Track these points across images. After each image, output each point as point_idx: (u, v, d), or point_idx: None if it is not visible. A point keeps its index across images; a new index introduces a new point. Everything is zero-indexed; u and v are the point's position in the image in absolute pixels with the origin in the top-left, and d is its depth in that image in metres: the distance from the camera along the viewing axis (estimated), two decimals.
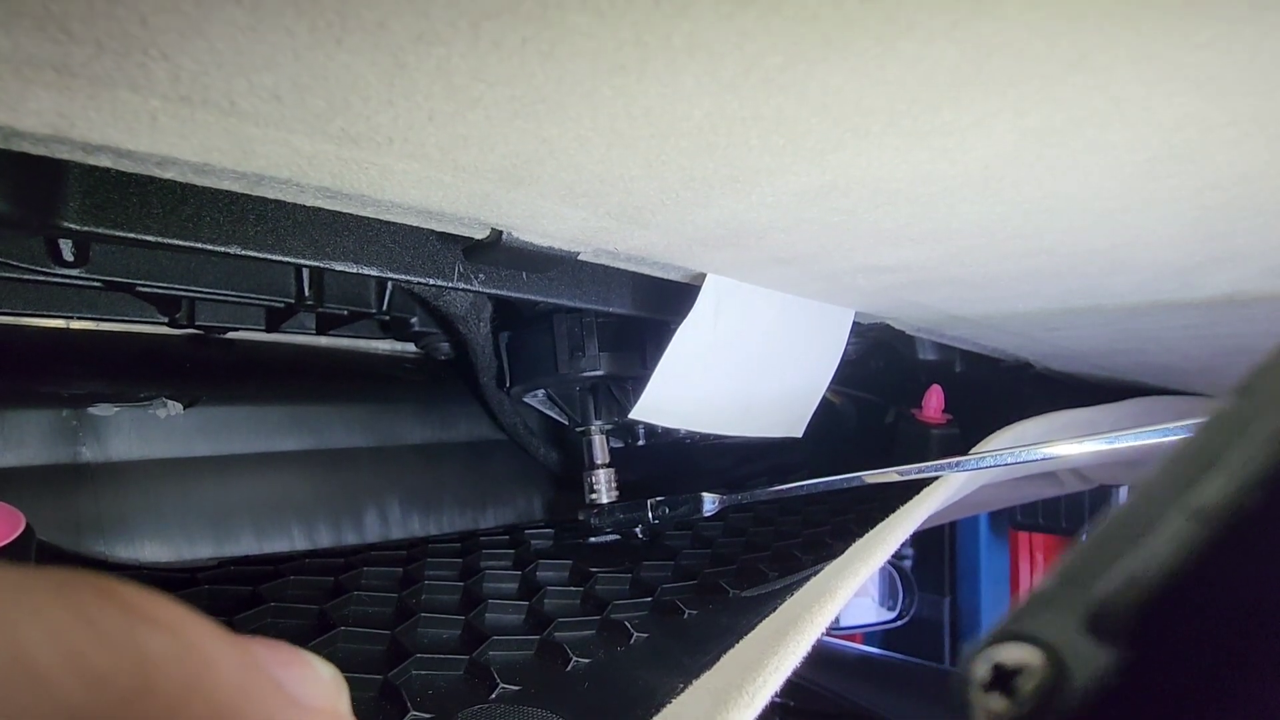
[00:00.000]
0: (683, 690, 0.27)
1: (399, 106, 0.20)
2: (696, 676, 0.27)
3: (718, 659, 0.28)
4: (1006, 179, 0.28)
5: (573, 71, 0.20)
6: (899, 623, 1.51)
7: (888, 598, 1.54)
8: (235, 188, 0.25)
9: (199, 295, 0.47)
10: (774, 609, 0.31)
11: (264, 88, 0.19)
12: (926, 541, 2.20)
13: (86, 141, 0.20)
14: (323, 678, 0.13)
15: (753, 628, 0.30)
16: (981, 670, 0.11)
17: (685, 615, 0.45)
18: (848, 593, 0.31)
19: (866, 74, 0.20)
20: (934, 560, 2.19)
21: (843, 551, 0.36)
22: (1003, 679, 0.10)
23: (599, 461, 0.59)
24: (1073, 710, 0.10)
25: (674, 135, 0.23)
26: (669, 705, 0.26)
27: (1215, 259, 0.38)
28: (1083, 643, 0.10)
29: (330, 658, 0.13)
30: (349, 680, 0.13)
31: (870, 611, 1.55)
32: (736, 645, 0.29)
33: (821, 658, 1.36)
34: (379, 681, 0.35)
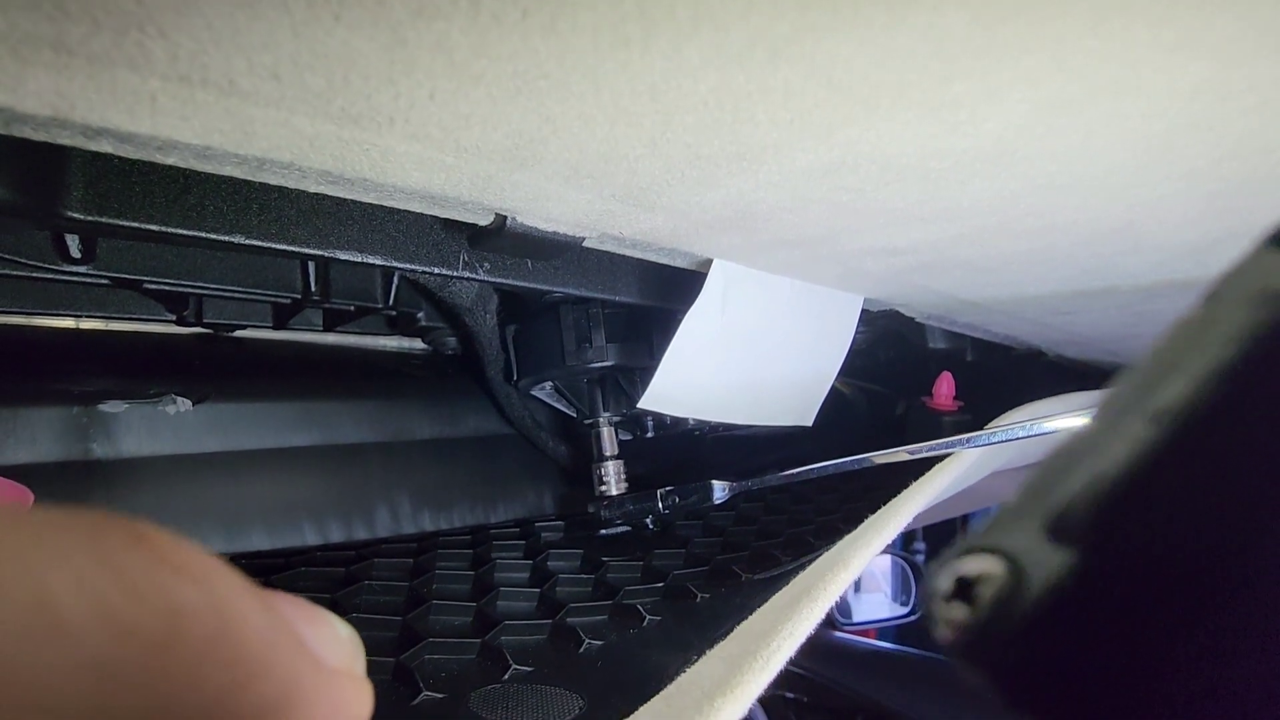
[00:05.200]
0: (696, 660, 0.27)
1: (400, 84, 0.20)
2: (710, 649, 0.27)
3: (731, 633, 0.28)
4: (1019, 153, 0.27)
5: (575, 46, 0.19)
6: (912, 617, 1.51)
7: (900, 593, 1.53)
8: (238, 173, 0.25)
9: (206, 292, 0.47)
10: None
11: (263, 66, 0.19)
12: (939, 536, 2.19)
13: (87, 124, 0.20)
14: (342, 637, 0.13)
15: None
16: (944, 582, 0.11)
17: (698, 599, 0.45)
18: (861, 563, 0.31)
19: (875, 44, 0.20)
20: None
21: None
22: (965, 589, 0.11)
23: (608, 454, 0.59)
24: (1028, 612, 0.10)
25: (679, 111, 0.23)
26: (683, 674, 0.26)
27: (1232, 235, 0.37)
28: (1042, 548, 0.10)
29: None
30: None
31: (883, 607, 1.55)
32: (750, 617, 0.29)
33: (835, 653, 1.36)
34: (391, 664, 0.35)
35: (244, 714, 0.10)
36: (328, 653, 0.12)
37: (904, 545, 2.14)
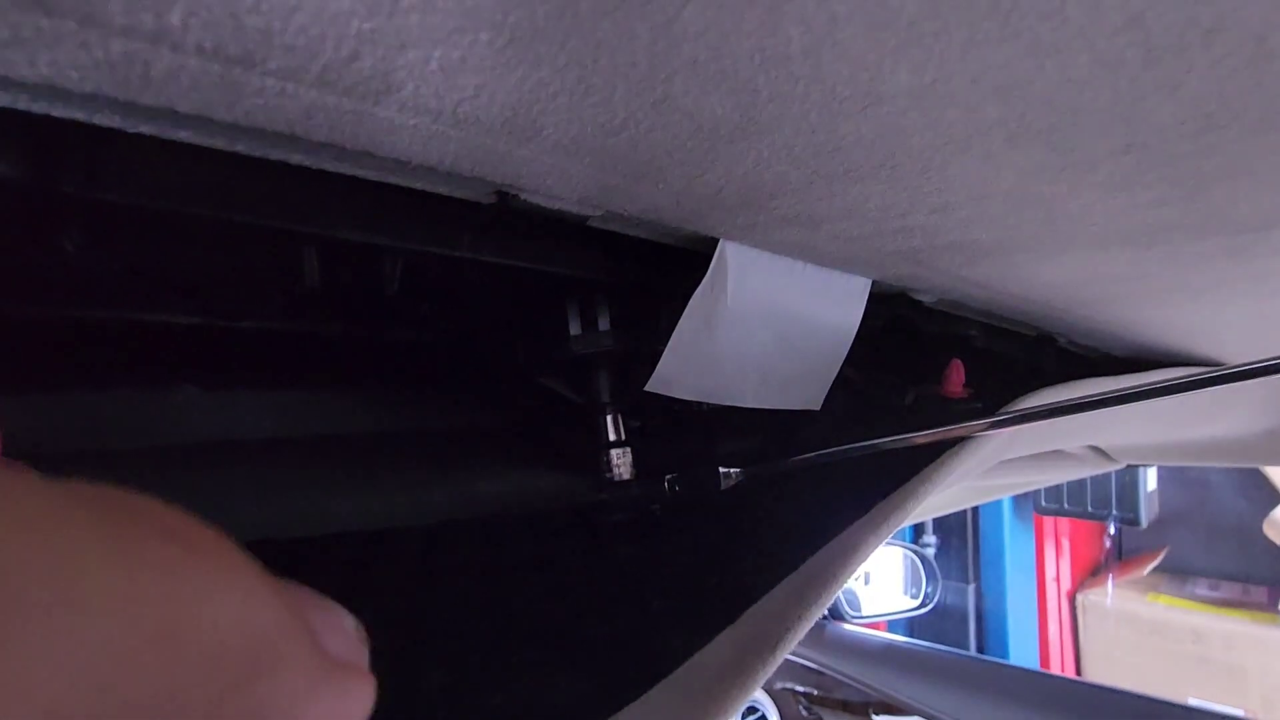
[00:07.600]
0: (705, 645, 0.27)
1: (395, 50, 0.20)
2: (719, 633, 0.27)
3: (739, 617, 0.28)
4: (1025, 115, 0.26)
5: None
6: (923, 610, 1.50)
7: (912, 586, 1.53)
8: (237, 148, 0.25)
9: (211, 281, 0.47)
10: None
11: (254, 29, 0.18)
12: (950, 528, 2.18)
13: (82, 92, 0.19)
14: (349, 630, 0.13)
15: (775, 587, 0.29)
16: None
17: (706, 583, 0.45)
18: (870, 549, 0.31)
19: None
20: (958, 547, 2.17)
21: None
22: None
23: (614, 439, 0.58)
24: None
25: (679, 76, 0.23)
26: (692, 658, 0.26)
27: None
28: None
29: None
30: None
31: (895, 600, 1.54)
32: (758, 601, 0.29)
33: (846, 646, 1.35)
34: (396, 647, 0.35)
35: (252, 702, 0.10)
36: (335, 644, 0.12)
37: (915, 538, 2.13)
